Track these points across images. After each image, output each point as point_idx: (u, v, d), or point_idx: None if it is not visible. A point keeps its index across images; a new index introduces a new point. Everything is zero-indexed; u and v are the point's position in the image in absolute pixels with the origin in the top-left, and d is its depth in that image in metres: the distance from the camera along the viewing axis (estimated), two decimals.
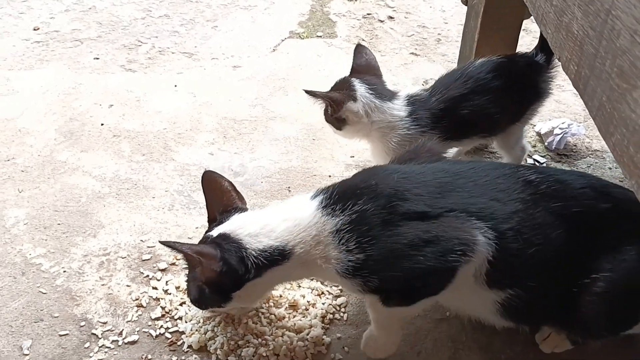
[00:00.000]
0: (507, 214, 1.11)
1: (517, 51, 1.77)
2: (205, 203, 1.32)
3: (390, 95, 1.59)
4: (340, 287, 1.44)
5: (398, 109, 1.56)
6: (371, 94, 1.55)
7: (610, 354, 1.30)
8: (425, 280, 1.10)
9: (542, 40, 1.52)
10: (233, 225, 1.22)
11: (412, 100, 1.58)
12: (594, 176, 1.24)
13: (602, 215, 1.14)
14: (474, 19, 1.72)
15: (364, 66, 1.63)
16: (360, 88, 1.56)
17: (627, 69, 0.77)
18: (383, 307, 1.17)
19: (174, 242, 1.22)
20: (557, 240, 1.12)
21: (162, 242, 1.19)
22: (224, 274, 1.16)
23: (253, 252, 1.16)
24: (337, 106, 1.53)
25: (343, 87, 1.58)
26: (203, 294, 1.23)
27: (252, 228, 1.19)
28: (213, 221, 1.30)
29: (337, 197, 1.16)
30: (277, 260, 1.17)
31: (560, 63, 1.02)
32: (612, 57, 0.82)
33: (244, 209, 1.30)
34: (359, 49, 1.65)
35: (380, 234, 1.09)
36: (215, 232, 1.22)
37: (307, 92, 1.52)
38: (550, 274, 1.14)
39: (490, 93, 1.53)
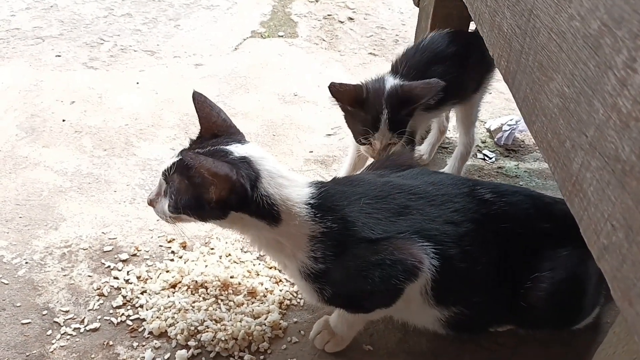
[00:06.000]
0: (459, 236, 1.19)
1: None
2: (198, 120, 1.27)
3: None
4: None
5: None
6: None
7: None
8: (372, 299, 1.19)
9: None
10: (255, 153, 1.16)
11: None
12: (539, 195, 1.33)
13: (542, 232, 1.25)
14: (424, 20, 1.81)
15: None
16: None
17: (545, 63, 0.86)
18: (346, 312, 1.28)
19: (193, 154, 1.08)
20: (502, 257, 1.23)
21: (182, 151, 1.11)
22: (235, 193, 1.11)
23: (263, 190, 1.13)
24: None
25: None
26: (195, 205, 1.15)
27: (272, 167, 1.16)
28: (206, 138, 1.24)
29: (320, 202, 1.18)
30: (270, 215, 1.14)
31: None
32: (534, 53, 0.90)
33: (245, 140, 1.24)
34: None
35: (341, 252, 1.16)
36: (235, 152, 1.15)
37: None
38: (493, 286, 1.24)
39: (448, 60, 1.63)
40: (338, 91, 1.50)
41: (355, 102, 1.52)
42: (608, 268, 0.69)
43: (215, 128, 1.24)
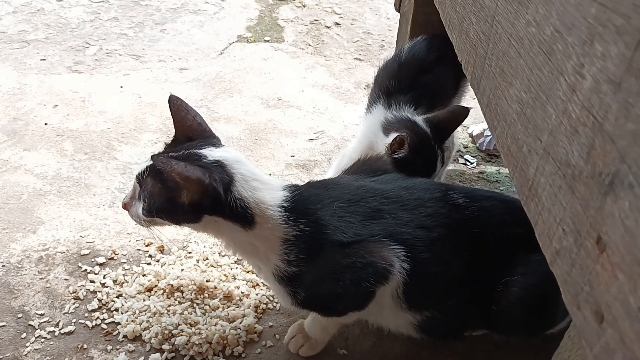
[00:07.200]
0: (431, 240, 1.19)
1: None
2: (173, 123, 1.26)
3: None
4: None
5: None
6: None
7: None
8: (344, 302, 1.19)
9: None
10: (229, 157, 1.16)
11: None
12: (513, 200, 1.32)
13: (516, 237, 1.24)
14: (404, 25, 1.82)
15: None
16: None
17: (506, 69, 0.87)
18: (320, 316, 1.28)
19: (164, 158, 1.09)
20: (474, 261, 1.23)
21: (153, 156, 1.10)
22: (207, 196, 1.11)
23: (236, 193, 1.13)
24: None
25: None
26: (169, 209, 1.16)
27: (246, 170, 1.16)
28: (181, 141, 1.24)
29: (293, 205, 1.18)
30: (244, 219, 1.14)
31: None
32: (496, 59, 0.91)
33: (221, 143, 1.25)
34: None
35: (313, 255, 1.16)
36: (209, 155, 1.15)
37: None
38: (465, 290, 1.24)
39: (433, 66, 1.64)
40: (411, 143, 1.49)
41: (415, 150, 1.51)
42: (559, 272, 0.70)
43: (190, 132, 1.25)
